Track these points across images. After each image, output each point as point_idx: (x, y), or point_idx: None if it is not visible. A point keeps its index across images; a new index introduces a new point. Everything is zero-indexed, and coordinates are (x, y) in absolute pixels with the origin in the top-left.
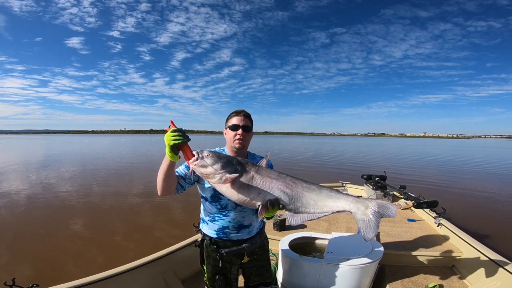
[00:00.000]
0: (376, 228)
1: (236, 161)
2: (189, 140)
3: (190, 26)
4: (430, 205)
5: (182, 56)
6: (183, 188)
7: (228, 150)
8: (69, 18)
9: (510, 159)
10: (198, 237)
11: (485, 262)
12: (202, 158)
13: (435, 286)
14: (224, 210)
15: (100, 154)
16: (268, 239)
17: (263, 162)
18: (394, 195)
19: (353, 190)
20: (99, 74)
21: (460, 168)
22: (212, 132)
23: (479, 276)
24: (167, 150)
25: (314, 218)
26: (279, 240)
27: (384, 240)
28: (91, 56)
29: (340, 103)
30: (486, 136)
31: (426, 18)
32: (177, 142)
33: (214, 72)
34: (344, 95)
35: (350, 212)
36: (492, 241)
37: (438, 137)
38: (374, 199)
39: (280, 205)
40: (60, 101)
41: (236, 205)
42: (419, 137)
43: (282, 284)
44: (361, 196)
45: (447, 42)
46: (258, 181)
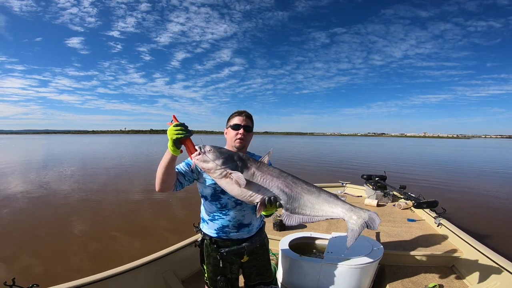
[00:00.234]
0: (357, 238)
1: (237, 156)
2: (191, 134)
3: (190, 26)
4: (430, 205)
5: (182, 56)
6: (182, 185)
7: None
8: (69, 18)
9: (510, 159)
10: (198, 237)
11: (485, 262)
12: (204, 152)
13: (435, 286)
14: (224, 209)
15: (100, 154)
16: (268, 239)
17: (265, 159)
18: (394, 195)
19: (353, 190)
20: (99, 74)
21: (460, 168)
22: (212, 132)
23: (479, 276)
24: (170, 144)
25: (309, 221)
26: (279, 240)
27: (384, 240)
28: (91, 56)
29: (340, 103)
30: (486, 136)
31: (426, 18)
32: (180, 136)
33: (214, 72)
34: (344, 95)
35: (343, 219)
36: (492, 241)
37: (438, 137)
38: (367, 210)
39: (278, 203)
40: (60, 101)
41: (236, 204)
42: (419, 137)
43: (282, 284)
44: (361, 196)
45: (447, 42)
46: (259, 178)
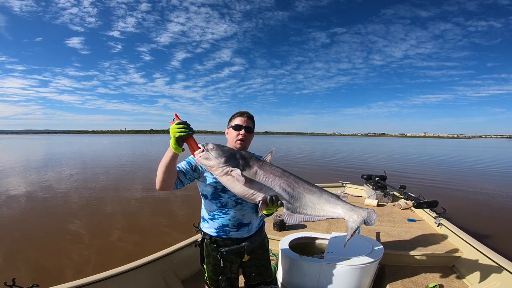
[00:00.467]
0: (354, 233)
1: (239, 155)
2: (194, 132)
3: (190, 26)
4: (430, 205)
5: (182, 56)
6: (182, 183)
7: None
8: (69, 18)
9: (510, 159)
10: (198, 237)
11: (485, 262)
12: (207, 150)
13: (435, 286)
14: (224, 208)
15: (100, 154)
16: (268, 239)
17: (268, 158)
18: (394, 195)
19: (353, 190)
20: (100, 74)
21: (460, 168)
22: (212, 132)
23: (479, 276)
24: (172, 142)
25: (310, 220)
26: (279, 240)
27: (384, 240)
28: (92, 56)
29: (340, 103)
30: (487, 136)
31: (427, 18)
32: (182, 134)
33: (214, 72)
34: (344, 95)
35: (344, 219)
36: (492, 241)
37: (439, 137)
38: (365, 209)
39: (279, 202)
40: (60, 101)
41: (236, 203)
42: (420, 137)
43: (282, 284)
44: (361, 196)
45: (448, 42)
46: (261, 176)
